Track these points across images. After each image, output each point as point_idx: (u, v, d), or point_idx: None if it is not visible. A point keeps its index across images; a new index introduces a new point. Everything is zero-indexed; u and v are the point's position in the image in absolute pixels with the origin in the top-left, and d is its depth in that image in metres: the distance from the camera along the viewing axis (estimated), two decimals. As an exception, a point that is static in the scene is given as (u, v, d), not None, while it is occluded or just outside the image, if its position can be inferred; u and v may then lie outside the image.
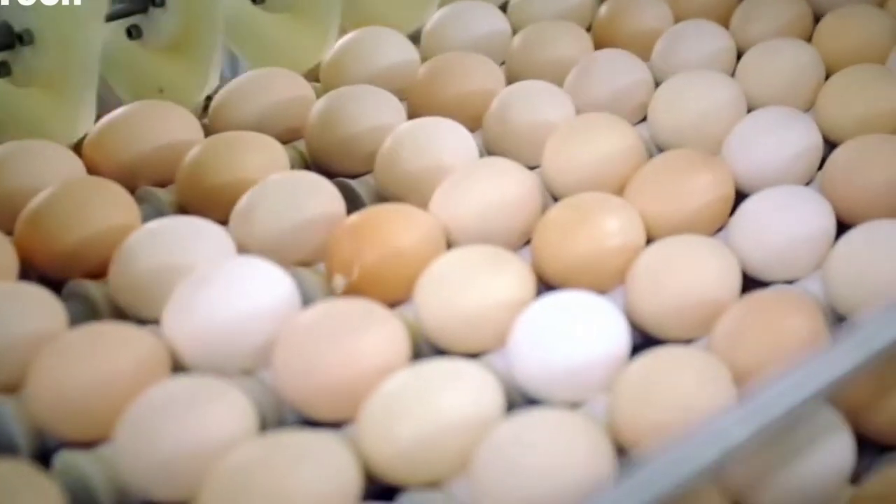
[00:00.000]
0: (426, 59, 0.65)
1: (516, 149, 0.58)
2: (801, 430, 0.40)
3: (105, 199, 0.52)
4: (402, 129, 0.57)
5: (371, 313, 0.45)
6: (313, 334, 0.44)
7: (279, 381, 0.44)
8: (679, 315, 0.47)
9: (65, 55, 0.59)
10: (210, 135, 0.58)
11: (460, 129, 0.58)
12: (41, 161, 0.55)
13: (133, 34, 0.64)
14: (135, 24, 0.64)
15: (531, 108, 0.59)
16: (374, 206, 0.54)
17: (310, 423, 0.44)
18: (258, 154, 0.56)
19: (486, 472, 0.39)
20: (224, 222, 0.52)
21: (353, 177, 0.58)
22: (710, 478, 0.36)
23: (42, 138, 0.57)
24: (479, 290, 0.47)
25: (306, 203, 0.52)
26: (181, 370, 0.45)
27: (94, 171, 0.56)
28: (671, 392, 0.42)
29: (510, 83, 0.63)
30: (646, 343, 0.47)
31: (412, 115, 0.61)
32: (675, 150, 0.56)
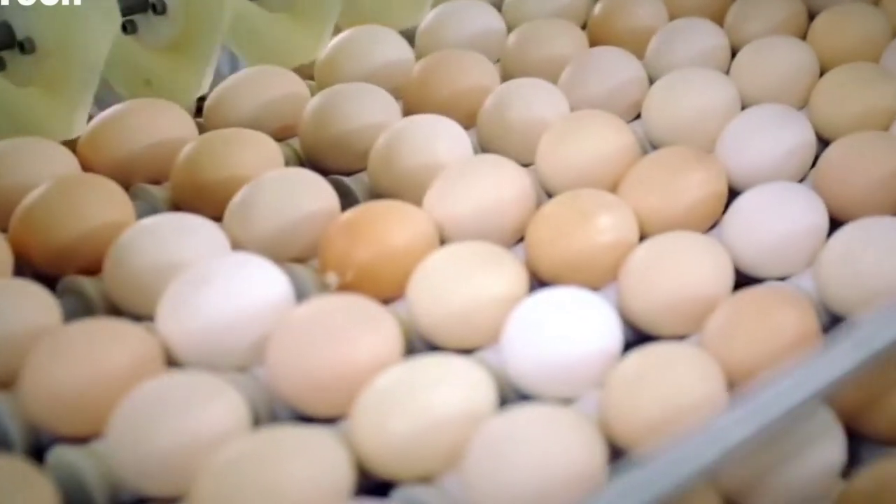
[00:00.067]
0: (421, 57, 0.65)
1: (511, 146, 0.58)
2: (796, 429, 0.40)
3: (99, 196, 0.52)
4: (397, 127, 0.57)
5: (364, 310, 0.45)
6: (307, 331, 0.44)
7: (273, 376, 0.44)
8: (671, 311, 0.48)
9: (68, 63, 0.59)
10: (205, 132, 0.58)
11: (455, 127, 0.58)
12: (36, 158, 0.55)
13: (128, 29, 0.64)
14: (131, 19, 0.64)
15: (526, 106, 0.59)
16: (367, 202, 0.54)
17: (303, 419, 0.44)
18: (253, 151, 0.56)
19: (479, 467, 0.39)
20: (218, 219, 0.52)
21: (348, 174, 0.58)
22: (708, 478, 0.36)
23: (38, 136, 0.57)
24: (471, 286, 0.47)
25: (301, 200, 0.52)
26: (175, 366, 0.45)
27: (89, 168, 0.56)
28: (663, 388, 0.42)
29: (505, 81, 0.63)
30: (638, 339, 0.47)
31: (407, 113, 0.61)
32: (669, 148, 0.56)
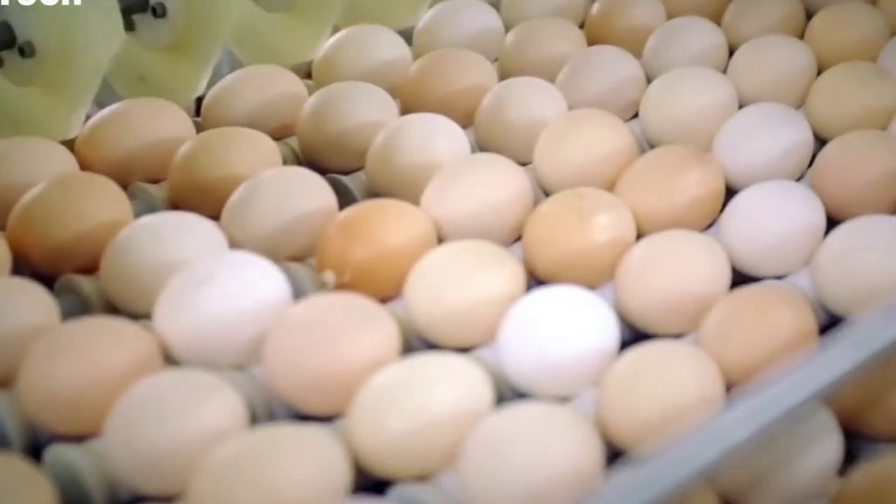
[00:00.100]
0: (419, 56, 0.65)
1: (508, 145, 0.58)
2: (795, 429, 0.40)
3: (97, 195, 0.52)
4: (395, 126, 0.57)
5: (362, 308, 0.45)
6: (304, 329, 0.44)
7: (270, 375, 0.44)
8: (668, 310, 0.48)
9: (67, 64, 0.59)
10: (202, 131, 0.59)
11: (452, 126, 0.58)
12: (34, 157, 0.55)
13: (125, 27, 0.64)
14: (129, 17, 0.64)
15: (523, 105, 0.59)
16: (365, 201, 0.54)
17: (300, 418, 0.44)
18: (250, 150, 0.56)
19: (476, 466, 0.39)
20: (216, 218, 0.52)
21: (345, 173, 0.58)
22: (708, 478, 0.37)
23: (36, 136, 0.58)
24: (469, 285, 0.47)
25: (298, 199, 0.52)
26: (173, 365, 0.45)
27: (87, 167, 0.56)
28: (659, 386, 0.42)
29: (503, 80, 0.63)
30: (635, 338, 0.47)
31: (404, 112, 0.61)
32: (667, 147, 0.56)
